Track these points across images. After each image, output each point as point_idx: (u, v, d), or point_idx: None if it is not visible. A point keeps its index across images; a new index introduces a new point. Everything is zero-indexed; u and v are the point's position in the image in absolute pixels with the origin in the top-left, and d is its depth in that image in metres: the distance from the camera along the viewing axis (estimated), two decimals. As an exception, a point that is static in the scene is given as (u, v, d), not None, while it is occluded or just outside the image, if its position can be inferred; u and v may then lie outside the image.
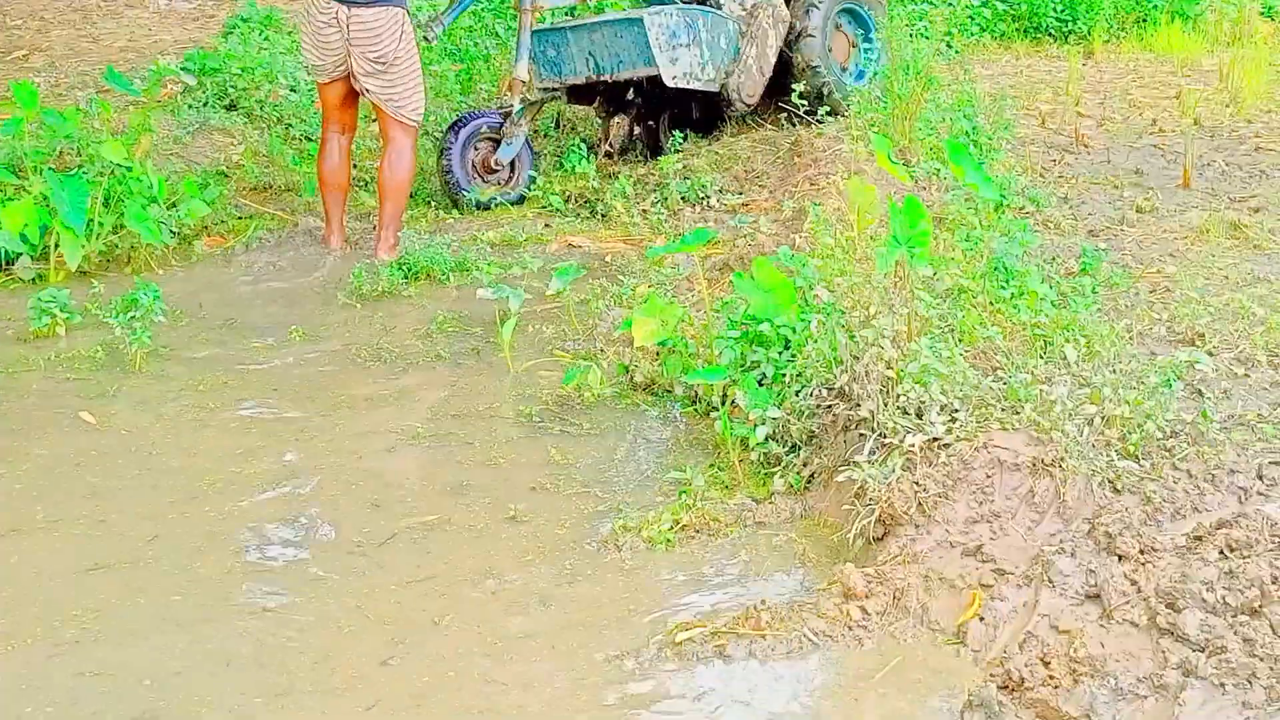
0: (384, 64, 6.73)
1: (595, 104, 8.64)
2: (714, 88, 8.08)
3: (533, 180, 7.87)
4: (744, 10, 8.26)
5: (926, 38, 8.55)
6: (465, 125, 7.82)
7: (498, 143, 7.86)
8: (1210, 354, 5.14)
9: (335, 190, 7.00)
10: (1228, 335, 5.35)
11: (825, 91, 8.23)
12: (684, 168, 7.83)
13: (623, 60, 7.99)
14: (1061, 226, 6.82)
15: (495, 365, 5.54)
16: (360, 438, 4.93)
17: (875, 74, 8.53)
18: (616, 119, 8.56)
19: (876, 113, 7.62)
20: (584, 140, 8.58)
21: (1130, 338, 5.32)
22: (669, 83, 7.92)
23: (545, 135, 8.82)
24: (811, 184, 7.00)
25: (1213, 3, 11.48)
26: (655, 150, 8.52)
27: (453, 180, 7.74)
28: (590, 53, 7.92)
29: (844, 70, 8.60)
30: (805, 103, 7.88)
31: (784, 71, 8.32)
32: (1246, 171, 7.85)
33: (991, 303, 5.24)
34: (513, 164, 7.92)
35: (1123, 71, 10.45)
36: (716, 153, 8.07)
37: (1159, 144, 8.47)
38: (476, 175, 7.86)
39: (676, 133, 8.33)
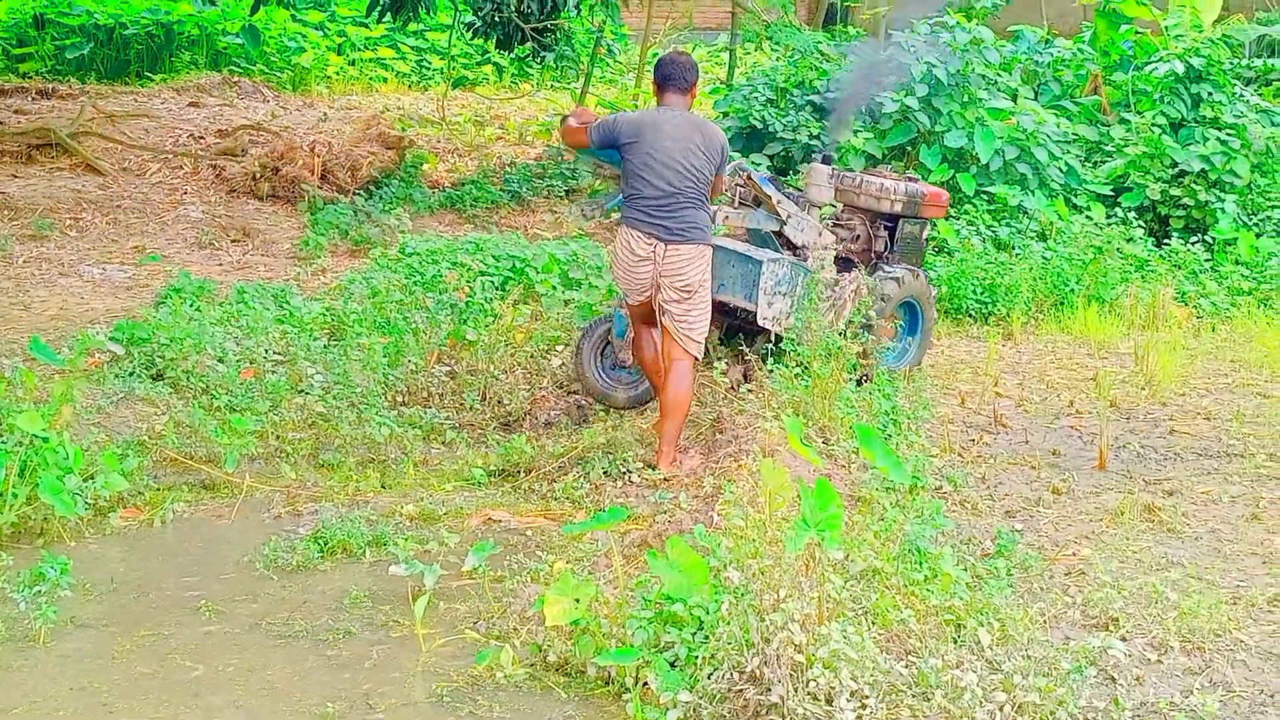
0: (689, 292, 7.51)
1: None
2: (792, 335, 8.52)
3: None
4: (835, 278, 9.02)
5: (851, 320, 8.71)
6: (594, 331, 8.65)
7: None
8: (1124, 639, 5.16)
9: (659, 374, 7.74)
10: (1141, 620, 5.39)
11: (864, 370, 8.66)
12: (607, 441, 7.87)
13: (728, 288, 8.69)
14: (978, 507, 6.89)
15: (407, 643, 5.46)
16: (267, 717, 4.83)
17: (904, 358, 9.41)
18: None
19: (797, 392, 7.72)
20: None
21: (1044, 622, 5.34)
22: (760, 322, 8.63)
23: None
24: (733, 460, 7.04)
25: (1128, 287, 11.80)
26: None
27: (589, 385, 8.59)
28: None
29: (882, 347, 9.13)
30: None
31: None
32: (1161, 454, 7.97)
33: (905, 585, 5.25)
34: None
35: (1041, 352, 10.67)
36: (640, 426, 8.14)
37: (1076, 425, 8.61)
38: (604, 376, 8.62)
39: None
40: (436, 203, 14.55)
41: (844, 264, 9.38)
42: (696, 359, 7.69)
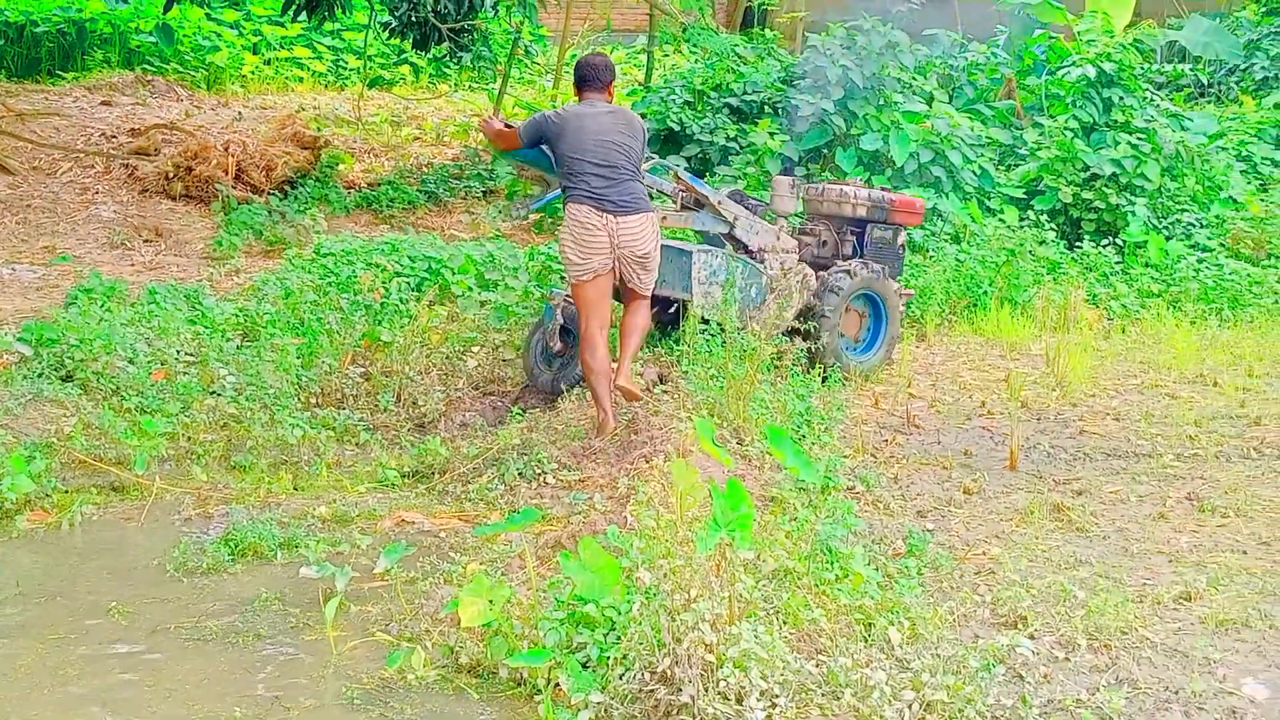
0: (647, 258, 8.20)
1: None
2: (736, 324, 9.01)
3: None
4: (781, 269, 9.63)
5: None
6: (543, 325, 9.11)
7: (566, 330, 8.92)
8: (1032, 637, 5.21)
9: (606, 378, 7.99)
10: (1049, 618, 5.44)
11: (824, 358, 9.44)
12: (522, 442, 7.86)
13: (667, 281, 9.15)
14: (890, 507, 6.93)
15: (318, 645, 5.43)
16: (173, 721, 4.79)
17: (872, 354, 9.97)
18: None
19: (712, 393, 7.74)
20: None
21: (954, 621, 5.38)
22: (697, 310, 8.96)
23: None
24: (646, 461, 7.05)
25: (1040, 289, 11.92)
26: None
27: (529, 369, 9.08)
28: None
29: (854, 342, 9.95)
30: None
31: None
32: (1071, 454, 8.06)
33: (816, 584, 5.28)
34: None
35: (954, 354, 10.76)
36: (555, 428, 8.13)
37: (987, 426, 8.69)
38: (540, 363, 9.08)
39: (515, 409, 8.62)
40: (352, 203, 14.47)
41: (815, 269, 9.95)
42: (648, 298, 8.42)
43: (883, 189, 10.64)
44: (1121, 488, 7.38)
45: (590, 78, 8.26)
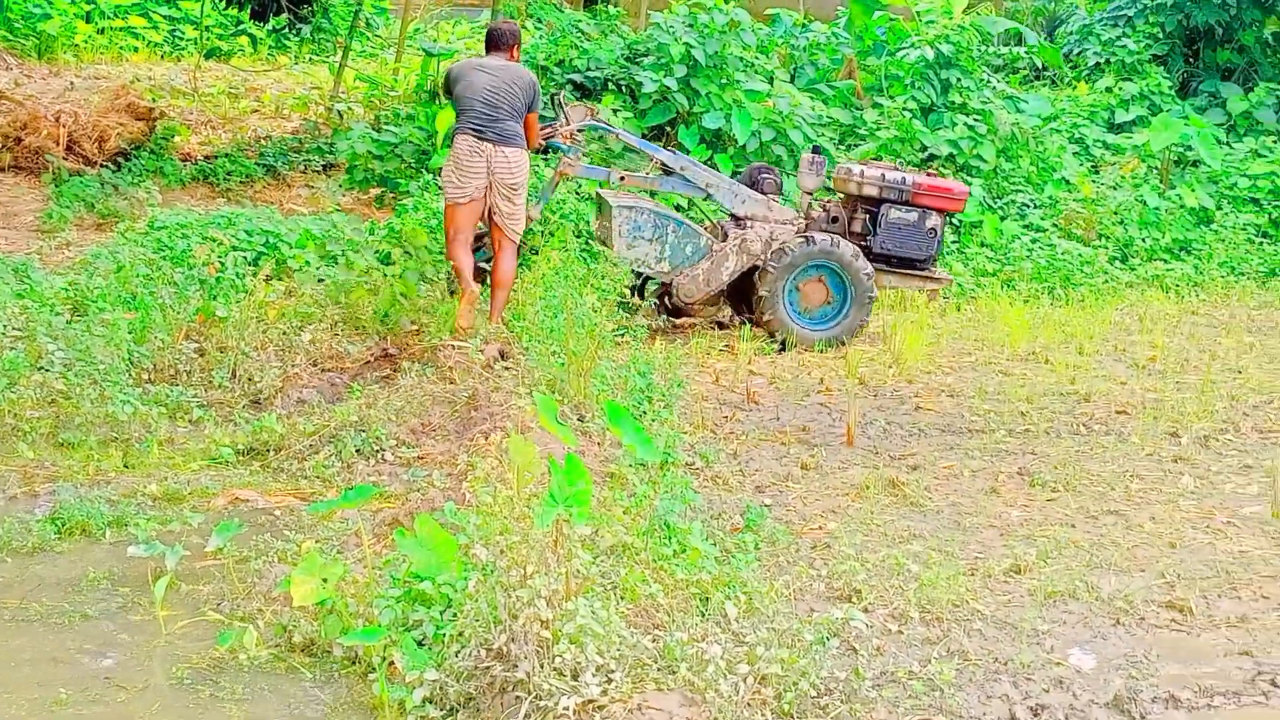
0: (514, 190, 9.40)
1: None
2: (666, 278, 10.36)
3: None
4: (768, 238, 10.38)
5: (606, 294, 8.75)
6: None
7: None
8: (866, 610, 5.27)
9: (467, 268, 9.45)
10: (883, 592, 5.50)
11: (772, 326, 10.27)
12: (360, 419, 7.76)
13: (599, 234, 10.60)
14: (729, 483, 6.97)
15: (147, 625, 5.31)
16: (1, 704, 4.66)
17: (834, 326, 10.40)
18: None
19: (553, 369, 7.72)
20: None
21: (789, 595, 5.42)
22: (620, 261, 9.90)
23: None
24: (486, 438, 7.00)
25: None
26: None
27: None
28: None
29: (803, 313, 10.41)
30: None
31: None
32: (906, 430, 8.16)
33: (654, 560, 5.28)
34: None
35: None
36: (394, 404, 8.03)
37: (826, 402, 8.77)
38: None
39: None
40: (188, 176, 14.21)
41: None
42: (515, 243, 9.57)
43: (914, 171, 10.96)
44: (955, 463, 7.49)
45: (492, 39, 9.85)
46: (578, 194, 12.17)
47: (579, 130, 10.63)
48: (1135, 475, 7.30)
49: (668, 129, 14.01)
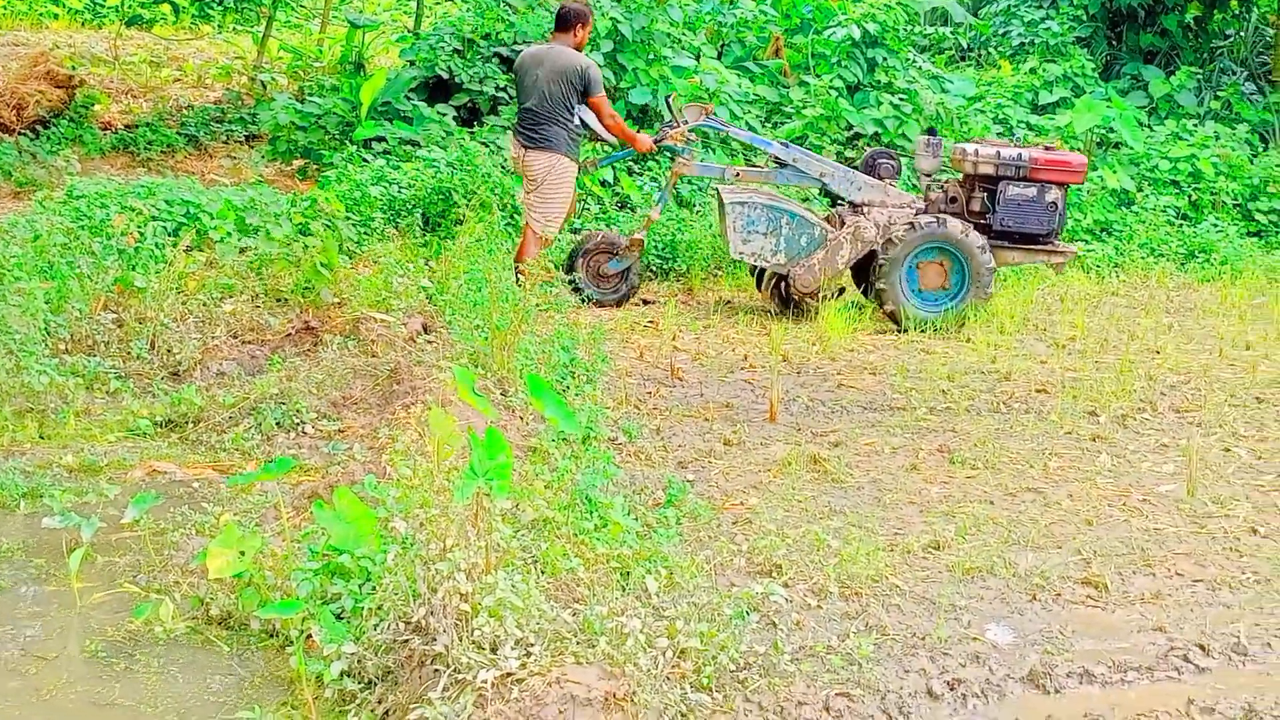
0: (534, 183, 9.94)
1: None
2: (782, 270, 10.62)
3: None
4: (885, 223, 10.55)
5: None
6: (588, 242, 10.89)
7: (612, 255, 10.76)
8: (786, 585, 5.29)
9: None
10: (803, 566, 5.53)
11: (895, 316, 10.48)
12: (280, 392, 7.69)
13: (723, 232, 10.72)
14: (652, 458, 6.97)
15: (61, 597, 5.24)
16: (-98, 679, 4.58)
17: (956, 304, 10.57)
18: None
19: (476, 343, 7.68)
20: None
21: (710, 569, 5.43)
22: (733, 255, 10.58)
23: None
24: (406, 410, 6.96)
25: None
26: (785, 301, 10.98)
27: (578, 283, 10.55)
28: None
29: (921, 294, 10.59)
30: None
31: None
32: (829, 407, 8.19)
33: (575, 534, 5.28)
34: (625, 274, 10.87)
35: (718, 307, 10.85)
36: (315, 377, 7.97)
37: (749, 379, 8.79)
38: (592, 282, 10.77)
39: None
40: (108, 145, 14.04)
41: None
42: (537, 234, 9.98)
43: (1029, 147, 11.00)
44: (876, 440, 7.53)
45: (560, 21, 10.04)
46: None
47: (690, 129, 10.83)
48: (1054, 453, 7.37)
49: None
